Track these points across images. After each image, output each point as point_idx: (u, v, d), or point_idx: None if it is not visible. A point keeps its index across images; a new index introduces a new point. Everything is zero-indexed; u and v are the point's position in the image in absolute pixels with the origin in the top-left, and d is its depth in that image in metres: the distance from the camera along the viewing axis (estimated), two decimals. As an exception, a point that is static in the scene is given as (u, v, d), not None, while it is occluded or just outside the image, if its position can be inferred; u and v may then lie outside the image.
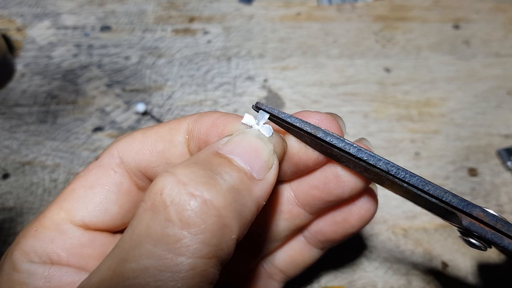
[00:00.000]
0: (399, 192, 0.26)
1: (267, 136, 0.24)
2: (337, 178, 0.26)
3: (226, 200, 0.20)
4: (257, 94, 0.52)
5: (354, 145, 0.24)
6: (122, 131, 0.48)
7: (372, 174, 0.25)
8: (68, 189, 0.26)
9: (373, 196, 0.28)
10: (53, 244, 0.24)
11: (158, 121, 0.49)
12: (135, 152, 0.26)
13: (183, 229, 0.18)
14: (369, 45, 0.56)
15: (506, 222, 0.22)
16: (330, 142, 0.24)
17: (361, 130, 0.49)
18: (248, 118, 0.24)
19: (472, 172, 0.47)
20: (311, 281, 0.41)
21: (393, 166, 0.23)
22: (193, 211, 0.19)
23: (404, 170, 0.23)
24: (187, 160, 0.22)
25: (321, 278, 0.41)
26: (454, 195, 0.23)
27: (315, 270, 0.41)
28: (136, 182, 0.27)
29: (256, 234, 0.29)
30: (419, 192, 0.23)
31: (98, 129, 0.48)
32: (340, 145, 0.24)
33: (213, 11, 0.59)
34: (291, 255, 0.31)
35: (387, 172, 0.23)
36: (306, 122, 0.24)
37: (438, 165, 0.47)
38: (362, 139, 0.27)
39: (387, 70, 0.54)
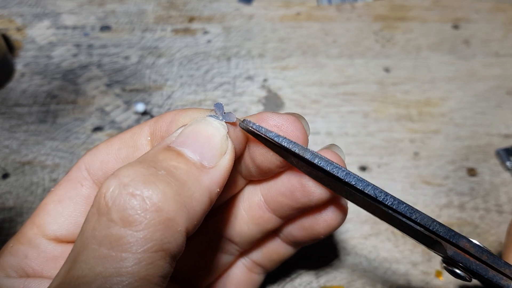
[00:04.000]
0: (381, 215, 0.25)
1: (233, 121, 0.24)
2: (303, 188, 0.26)
3: (167, 194, 0.20)
4: (257, 94, 0.52)
5: (343, 168, 0.23)
6: (122, 131, 0.48)
7: (343, 190, 0.24)
8: (41, 205, 0.27)
9: (341, 205, 0.28)
10: (27, 258, 0.25)
11: (158, 121, 0.49)
12: (100, 162, 0.26)
13: (125, 228, 0.19)
14: (369, 45, 0.56)
15: (491, 254, 0.22)
16: (318, 165, 0.23)
17: (361, 130, 0.49)
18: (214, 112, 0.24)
19: (472, 172, 0.47)
20: (311, 281, 0.41)
21: (381, 192, 0.23)
22: (133, 210, 0.19)
23: (392, 196, 0.23)
24: (135, 160, 0.22)
25: (321, 278, 0.41)
26: (441, 225, 0.23)
27: (314, 270, 0.41)
28: None
29: (230, 237, 0.30)
30: (405, 220, 0.23)
31: (98, 128, 0.48)
32: (328, 168, 0.23)
33: (213, 11, 0.59)
34: (267, 252, 0.32)
35: (374, 198, 0.23)
36: (293, 142, 0.24)
37: (438, 165, 0.47)
38: (332, 145, 0.27)
39: (387, 70, 0.54)
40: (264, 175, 0.28)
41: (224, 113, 0.24)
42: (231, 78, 0.53)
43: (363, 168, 0.47)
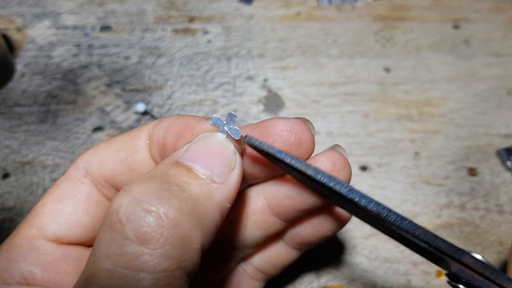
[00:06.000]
0: (385, 231, 0.25)
1: (236, 138, 0.24)
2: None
3: (183, 211, 0.19)
4: (257, 94, 0.52)
5: (346, 184, 0.23)
6: (122, 131, 0.48)
7: (347, 206, 0.24)
8: (37, 206, 0.25)
9: None
10: (26, 262, 0.24)
11: (158, 121, 0.49)
12: (99, 162, 0.26)
13: (141, 246, 0.18)
14: (369, 45, 0.56)
15: (494, 270, 0.22)
16: (321, 181, 0.23)
17: (361, 130, 0.49)
18: (216, 120, 0.24)
19: (472, 172, 0.47)
20: (311, 281, 0.41)
21: (384, 208, 0.23)
22: (149, 227, 0.19)
23: (395, 213, 0.23)
24: (145, 175, 0.22)
25: (321, 278, 0.41)
26: (444, 241, 0.23)
27: (315, 270, 0.41)
28: (104, 193, 0.27)
29: (231, 243, 0.29)
30: (409, 236, 0.23)
31: (98, 129, 0.48)
32: (331, 184, 0.23)
33: (213, 11, 0.59)
34: (269, 256, 0.31)
35: (377, 215, 0.23)
36: (295, 157, 0.23)
37: (438, 165, 0.47)
38: (335, 146, 0.27)
39: (387, 70, 0.54)
40: (272, 175, 0.27)
41: (231, 126, 0.24)
42: (231, 78, 0.53)
43: (363, 168, 0.47)
